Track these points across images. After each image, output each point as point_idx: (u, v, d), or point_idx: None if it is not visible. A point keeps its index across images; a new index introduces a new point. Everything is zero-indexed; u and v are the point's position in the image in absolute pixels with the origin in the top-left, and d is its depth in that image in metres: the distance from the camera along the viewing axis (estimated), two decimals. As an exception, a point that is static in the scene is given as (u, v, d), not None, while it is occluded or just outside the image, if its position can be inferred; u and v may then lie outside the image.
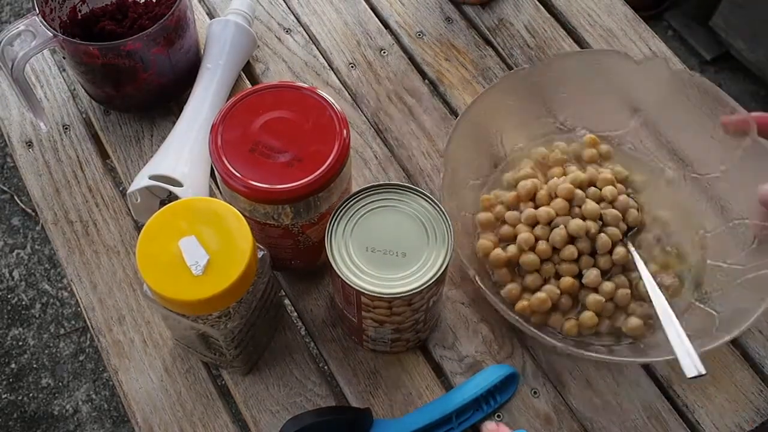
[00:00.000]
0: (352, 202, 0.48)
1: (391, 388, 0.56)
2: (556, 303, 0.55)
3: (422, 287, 0.46)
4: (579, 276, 0.55)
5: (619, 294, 0.55)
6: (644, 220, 0.59)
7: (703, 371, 0.48)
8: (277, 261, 0.54)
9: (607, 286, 0.55)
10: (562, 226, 0.55)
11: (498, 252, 0.56)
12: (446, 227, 0.47)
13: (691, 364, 0.48)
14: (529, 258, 0.55)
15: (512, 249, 0.56)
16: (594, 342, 0.55)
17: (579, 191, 0.57)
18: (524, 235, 0.56)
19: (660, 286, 0.54)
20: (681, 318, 0.53)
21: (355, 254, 0.47)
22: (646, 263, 0.55)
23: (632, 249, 0.56)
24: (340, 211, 0.48)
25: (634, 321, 0.54)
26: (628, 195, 0.59)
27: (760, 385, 0.56)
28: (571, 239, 0.55)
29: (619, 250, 0.55)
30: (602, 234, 0.55)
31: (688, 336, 0.50)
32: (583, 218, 0.56)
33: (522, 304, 0.55)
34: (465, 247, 0.57)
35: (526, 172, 0.60)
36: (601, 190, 0.58)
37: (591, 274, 0.55)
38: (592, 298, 0.54)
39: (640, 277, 0.54)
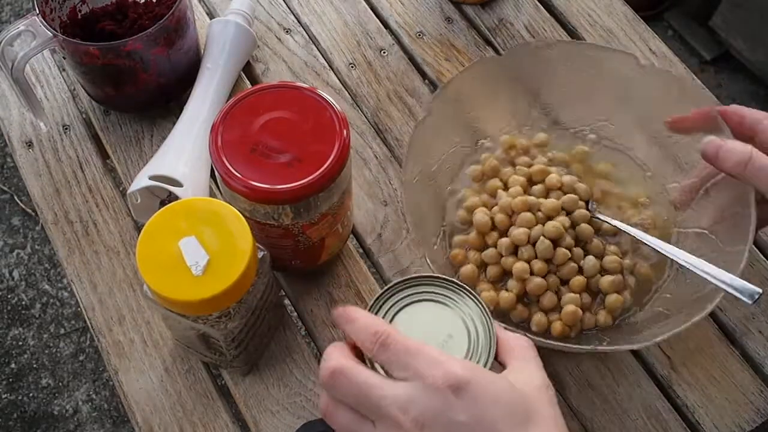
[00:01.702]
0: (388, 296, 0.42)
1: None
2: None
3: None
4: (579, 271, 0.56)
5: (625, 263, 0.56)
6: (593, 188, 0.59)
7: (760, 290, 0.47)
8: (277, 261, 0.54)
9: (611, 261, 0.55)
10: (541, 237, 0.55)
11: (506, 295, 0.55)
12: (489, 329, 0.41)
13: (744, 287, 0.48)
14: (536, 282, 0.55)
15: (513, 285, 0.55)
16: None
17: (531, 198, 0.57)
18: (518, 265, 0.55)
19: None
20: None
21: None
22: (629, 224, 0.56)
23: (606, 218, 0.57)
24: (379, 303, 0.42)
25: (614, 296, 0.55)
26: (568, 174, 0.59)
27: (760, 385, 0.56)
28: (555, 243, 0.55)
29: (587, 226, 0.56)
30: (579, 225, 0.56)
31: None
32: (549, 218, 0.56)
33: (556, 327, 0.54)
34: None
35: (472, 202, 0.59)
36: (544, 182, 0.58)
37: (589, 263, 0.55)
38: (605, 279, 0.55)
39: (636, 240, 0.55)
